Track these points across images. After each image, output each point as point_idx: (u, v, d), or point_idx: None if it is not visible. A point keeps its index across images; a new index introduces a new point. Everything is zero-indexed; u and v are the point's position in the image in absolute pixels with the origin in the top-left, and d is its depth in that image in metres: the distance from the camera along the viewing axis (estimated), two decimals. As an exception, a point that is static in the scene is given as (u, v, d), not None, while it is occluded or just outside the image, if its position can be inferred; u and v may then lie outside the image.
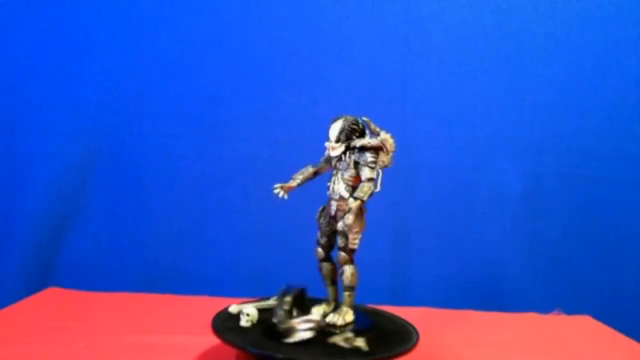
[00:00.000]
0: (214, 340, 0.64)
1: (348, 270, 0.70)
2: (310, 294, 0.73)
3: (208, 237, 1.12)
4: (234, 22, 1.11)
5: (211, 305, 0.72)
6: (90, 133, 1.12)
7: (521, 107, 1.10)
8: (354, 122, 0.69)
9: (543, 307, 1.05)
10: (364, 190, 0.67)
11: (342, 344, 0.62)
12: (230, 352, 0.66)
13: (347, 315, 0.69)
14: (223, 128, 1.11)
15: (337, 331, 0.66)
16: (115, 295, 1.03)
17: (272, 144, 1.10)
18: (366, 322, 0.71)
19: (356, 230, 0.67)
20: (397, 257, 1.12)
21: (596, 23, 1.09)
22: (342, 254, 0.70)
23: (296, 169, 0.73)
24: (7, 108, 1.11)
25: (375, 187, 0.68)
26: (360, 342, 0.62)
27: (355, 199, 0.67)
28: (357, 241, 0.68)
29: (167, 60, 1.11)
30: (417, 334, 0.68)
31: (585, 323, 1.01)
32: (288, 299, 0.66)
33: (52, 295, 1.02)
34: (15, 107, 1.11)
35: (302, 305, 0.69)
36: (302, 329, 0.63)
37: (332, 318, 0.69)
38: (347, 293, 0.70)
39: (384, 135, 0.68)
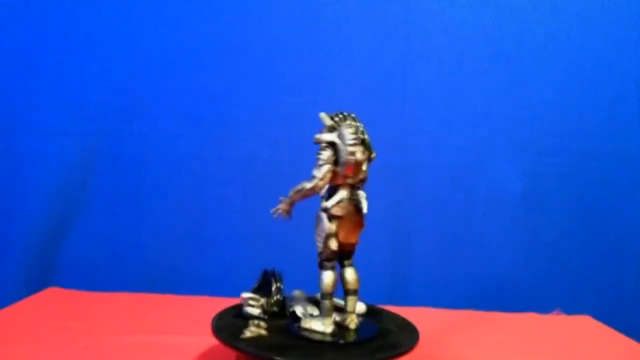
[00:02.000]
0: (214, 340, 0.64)
1: (320, 275, 0.65)
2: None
3: (208, 237, 1.12)
4: (234, 22, 1.11)
5: (211, 305, 0.72)
6: (90, 133, 1.12)
7: (521, 107, 1.10)
8: (323, 119, 0.64)
9: (543, 307, 1.05)
10: (296, 188, 0.64)
11: (246, 327, 0.66)
12: (230, 352, 0.66)
13: (311, 322, 0.65)
14: (223, 128, 1.11)
15: (258, 321, 0.67)
16: (115, 295, 1.03)
17: (272, 144, 1.10)
18: (368, 324, 0.70)
19: (319, 232, 0.64)
20: (397, 257, 1.12)
21: (596, 23, 1.09)
22: (318, 258, 0.66)
23: (296, 169, 0.72)
24: (7, 108, 1.12)
25: (317, 180, 0.63)
26: (248, 333, 0.65)
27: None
28: (319, 244, 0.64)
29: (167, 60, 1.11)
30: (417, 334, 0.68)
31: (585, 323, 1.01)
32: (260, 279, 0.73)
33: (52, 295, 1.03)
34: (15, 107, 1.12)
35: (269, 288, 0.73)
36: (245, 303, 0.71)
37: (306, 320, 0.66)
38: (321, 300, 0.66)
39: (343, 129, 0.62)
